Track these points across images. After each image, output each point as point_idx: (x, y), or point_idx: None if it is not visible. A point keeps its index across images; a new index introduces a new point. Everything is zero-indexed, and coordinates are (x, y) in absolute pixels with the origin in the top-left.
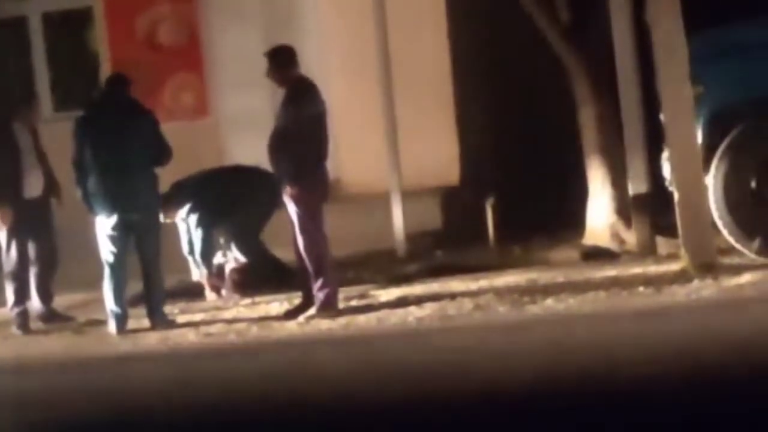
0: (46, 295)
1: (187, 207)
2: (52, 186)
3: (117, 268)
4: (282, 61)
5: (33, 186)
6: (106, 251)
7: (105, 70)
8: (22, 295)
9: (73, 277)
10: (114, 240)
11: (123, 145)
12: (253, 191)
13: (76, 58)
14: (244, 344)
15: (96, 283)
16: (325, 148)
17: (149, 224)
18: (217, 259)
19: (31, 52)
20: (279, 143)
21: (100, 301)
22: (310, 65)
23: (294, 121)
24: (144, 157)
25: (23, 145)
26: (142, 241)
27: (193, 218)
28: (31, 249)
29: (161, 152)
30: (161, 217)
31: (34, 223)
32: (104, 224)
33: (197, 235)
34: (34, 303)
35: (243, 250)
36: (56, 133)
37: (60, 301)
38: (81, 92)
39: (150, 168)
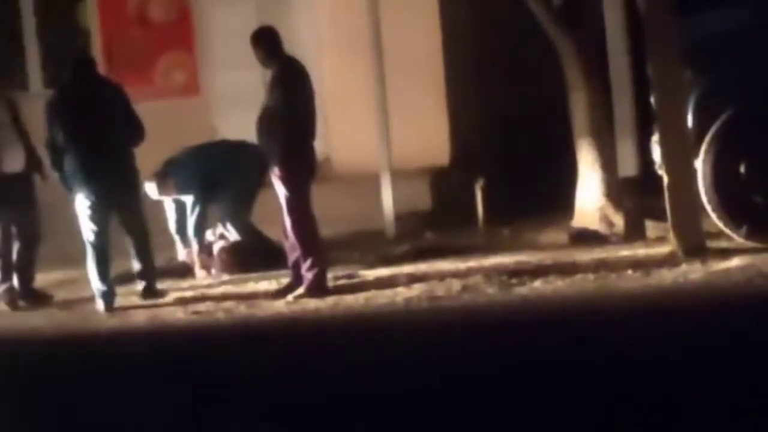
0: (25, 272)
1: (181, 184)
2: (34, 162)
3: (99, 246)
4: (266, 43)
5: (11, 160)
6: (87, 230)
7: (96, 47)
8: (8, 272)
9: (63, 254)
10: (94, 219)
11: (97, 123)
12: (242, 164)
13: (66, 34)
14: (232, 322)
15: (80, 260)
16: (312, 129)
17: (129, 200)
18: (207, 237)
19: (21, 28)
20: (266, 124)
21: (83, 279)
22: (301, 44)
23: (281, 102)
24: (118, 133)
25: (0, 119)
26: (125, 217)
27: (189, 195)
28: (14, 225)
29: (133, 128)
30: (155, 195)
31: (15, 199)
32: (83, 203)
33: (194, 213)
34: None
35: (236, 227)
36: None
37: (50, 278)
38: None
39: (123, 145)
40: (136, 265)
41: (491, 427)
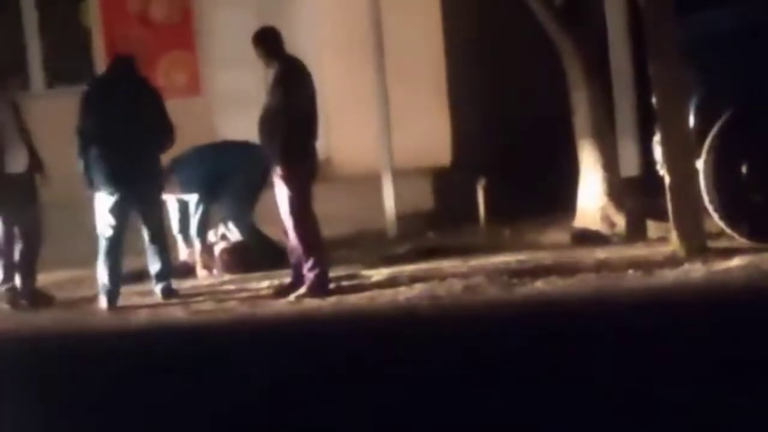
0: (27, 272)
1: (184, 183)
2: (36, 163)
3: (115, 242)
4: (267, 43)
5: (15, 161)
6: (106, 225)
7: (98, 47)
8: (10, 272)
9: (65, 254)
10: (115, 214)
11: (129, 120)
12: (244, 164)
13: (68, 34)
14: (234, 322)
15: (82, 261)
16: (314, 129)
17: (153, 199)
18: (209, 237)
19: (23, 28)
20: (268, 124)
21: (85, 279)
22: (303, 44)
23: (283, 102)
24: (148, 133)
25: (4, 119)
26: (147, 215)
27: (194, 195)
28: (16, 225)
29: (164, 131)
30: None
31: (17, 199)
32: (105, 198)
33: (197, 212)
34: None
35: (238, 227)
36: (48, 108)
37: (53, 278)
38: (73, 69)
39: (153, 144)
40: (155, 266)
41: (492, 426)
